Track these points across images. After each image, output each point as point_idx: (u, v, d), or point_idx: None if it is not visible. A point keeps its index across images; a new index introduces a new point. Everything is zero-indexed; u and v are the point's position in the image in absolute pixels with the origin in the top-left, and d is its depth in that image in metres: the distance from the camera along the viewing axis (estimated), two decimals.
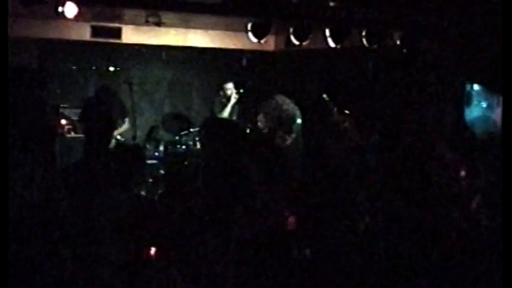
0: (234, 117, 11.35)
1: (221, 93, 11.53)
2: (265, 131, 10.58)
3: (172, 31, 12.80)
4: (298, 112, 10.23)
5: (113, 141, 10.70)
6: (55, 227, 4.89)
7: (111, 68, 11.81)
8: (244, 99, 11.49)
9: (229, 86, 11.53)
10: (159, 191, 11.11)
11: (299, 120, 10.25)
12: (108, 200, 5.21)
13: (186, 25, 12.67)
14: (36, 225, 4.74)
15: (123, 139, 11.06)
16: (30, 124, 9.71)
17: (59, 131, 11.22)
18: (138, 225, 5.09)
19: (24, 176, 5.29)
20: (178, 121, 11.87)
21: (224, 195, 5.22)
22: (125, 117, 11.20)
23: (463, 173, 6.73)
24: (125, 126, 11.22)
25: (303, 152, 10.10)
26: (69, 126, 11.22)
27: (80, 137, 10.93)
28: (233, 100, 11.38)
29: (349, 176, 6.89)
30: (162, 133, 12.22)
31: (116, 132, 10.76)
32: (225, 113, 11.28)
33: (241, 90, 11.37)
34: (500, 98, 10.82)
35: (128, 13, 11.46)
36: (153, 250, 5.26)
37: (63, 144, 11.08)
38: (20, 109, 10.75)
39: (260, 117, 10.63)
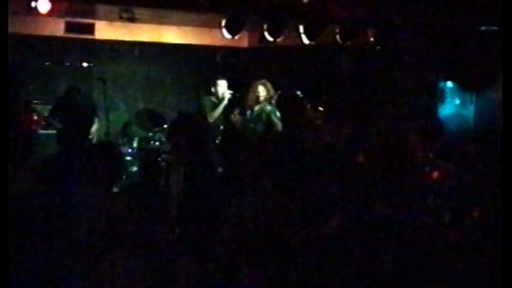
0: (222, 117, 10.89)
1: (212, 90, 11.04)
2: (238, 126, 10.60)
3: (145, 27, 12.77)
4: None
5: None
6: (31, 222, 4.86)
7: (85, 64, 11.71)
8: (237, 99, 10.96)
9: (222, 84, 10.96)
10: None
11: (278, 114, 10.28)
12: (81, 196, 5.18)
13: (160, 21, 12.64)
14: (12, 219, 4.70)
15: (95, 136, 11.04)
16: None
17: (32, 127, 11.14)
18: (109, 224, 5.07)
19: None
20: (152, 117, 11.81)
21: (198, 193, 5.22)
22: (95, 117, 11.12)
23: (435, 173, 6.78)
24: (96, 125, 11.11)
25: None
26: (41, 123, 11.12)
27: (49, 134, 10.93)
28: (226, 101, 10.80)
29: (323, 171, 6.91)
30: (135, 129, 12.18)
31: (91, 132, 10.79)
32: (216, 114, 10.78)
33: (237, 94, 10.84)
34: (473, 96, 10.92)
35: (101, 9, 11.40)
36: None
37: (34, 141, 11.04)
38: None
39: (235, 112, 10.65)
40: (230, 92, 10.76)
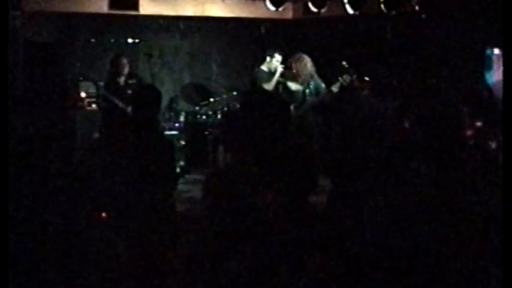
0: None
1: (268, 60, 10.63)
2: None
3: (189, 1, 12.77)
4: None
5: None
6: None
7: (130, 40, 11.79)
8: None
9: (278, 58, 10.54)
10: (181, 162, 11.18)
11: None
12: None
13: None
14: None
15: None
16: (52, 98, 9.74)
17: (79, 104, 11.26)
18: None
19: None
20: (198, 91, 11.88)
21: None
22: None
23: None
24: None
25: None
26: (89, 100, 11.23)
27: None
28: (278, 73, 10.40)
29: (370, 143, 6.87)
30: (182, 104, 12.25)
31: None
32: (270, 86, 10.39)
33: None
34: None
35: None
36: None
37: (83, 117, 11.21)
38: (41, 83, 10.79)
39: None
40: (282, 66, 10.51)
